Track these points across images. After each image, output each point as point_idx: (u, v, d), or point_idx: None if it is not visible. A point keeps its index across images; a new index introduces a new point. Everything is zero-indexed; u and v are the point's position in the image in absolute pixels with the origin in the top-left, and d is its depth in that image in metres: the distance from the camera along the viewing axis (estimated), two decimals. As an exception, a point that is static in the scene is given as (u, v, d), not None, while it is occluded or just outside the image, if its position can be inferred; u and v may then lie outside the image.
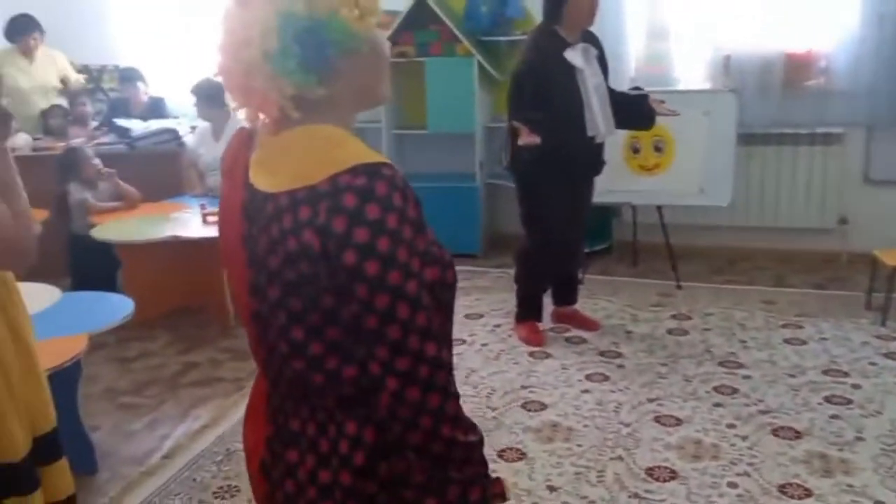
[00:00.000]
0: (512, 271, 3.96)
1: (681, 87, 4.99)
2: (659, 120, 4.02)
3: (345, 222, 1.03)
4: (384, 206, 1.04)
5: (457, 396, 1.12)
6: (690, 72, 5.06)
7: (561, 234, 3.64)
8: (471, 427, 1.14)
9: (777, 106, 4.82)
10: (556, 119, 3.39)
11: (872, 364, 3.43)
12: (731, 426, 2.94)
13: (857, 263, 4.72)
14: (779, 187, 4.94)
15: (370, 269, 1.03)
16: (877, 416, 2.96)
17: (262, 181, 1.14)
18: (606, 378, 3.39)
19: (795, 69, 4.83)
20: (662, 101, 3.79)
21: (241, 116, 1.21)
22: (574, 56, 3.47)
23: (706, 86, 4.95)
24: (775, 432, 2.88)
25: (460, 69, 5.06)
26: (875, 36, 4.62)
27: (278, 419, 1.21)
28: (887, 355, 3.52)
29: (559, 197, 3.57)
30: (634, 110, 3.75)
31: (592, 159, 3.67)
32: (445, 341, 1.12)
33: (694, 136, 4.40)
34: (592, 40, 3.61)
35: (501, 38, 5.24)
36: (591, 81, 3.50)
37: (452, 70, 5.10)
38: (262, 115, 1.16)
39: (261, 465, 1.25)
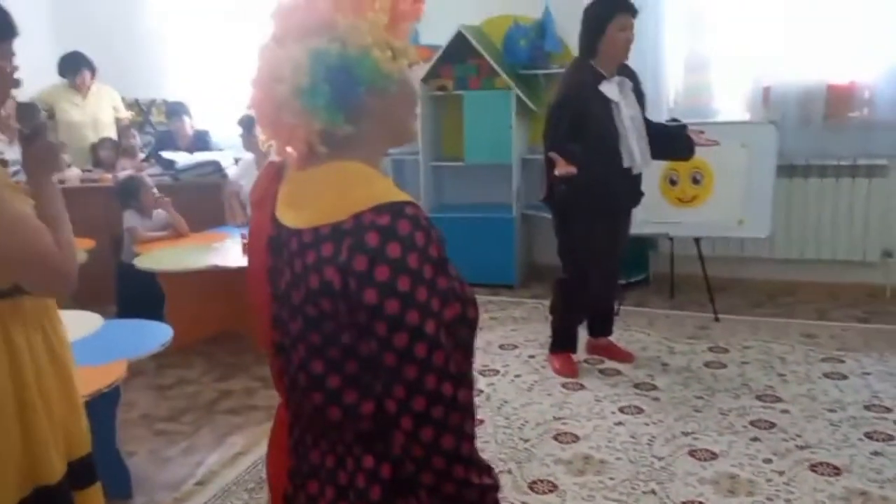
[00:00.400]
0: (547, 302, 3.96)
1: (720, 118, 4.97)
2: (697, 151, 4.01)
3: (366, 261, 1.05)
4: (406, 244, 1.05)
5: (472, 437, 1.12)
6: (730, 103, 5.03)
7: (597, 266, 3.64)
8: (486, 470, 1.14)
9: (818, 137, 4.77)
10: (592, 151, 3.41)
11: (917, 400, 3.34)
12: (767, 461, 2.88)
13: (904, 297, 4.63)
14: (820, 219, 4.86)
15: (390, 308, 1.04)
16: (921, 454, 2.88)
17: (288, 216, 1.17)
18: (641, 411, 3.35)
19: (837, 100, 4.77)
20: (702, 132, 3.77)
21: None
22: (609, 89, 3.49)
23: (745, 117, 4.92)
24: (813, 468, 2.81)
25: (498, 102, 5.11)
26: (919, 67, 4.56)
27: (299, 451, 1.23)
28: (933, 391, 3.42)
29: (596, 229, 3.56)
30: (673, 141, 3.74)
31: (630, 191, 3.67)
32: (463, 381, 1.12)
33: (733, 168, 4.37)
34: (629, 73, 3.63)
35: (539, 72, 5.29)
36: (626, 113, 3.51)
37: (490, 103, 5.15)
38: (290, 149, 1.19)
39: (284, 497, 1.26)
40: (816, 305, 4.70)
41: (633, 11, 3.49)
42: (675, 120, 4.48)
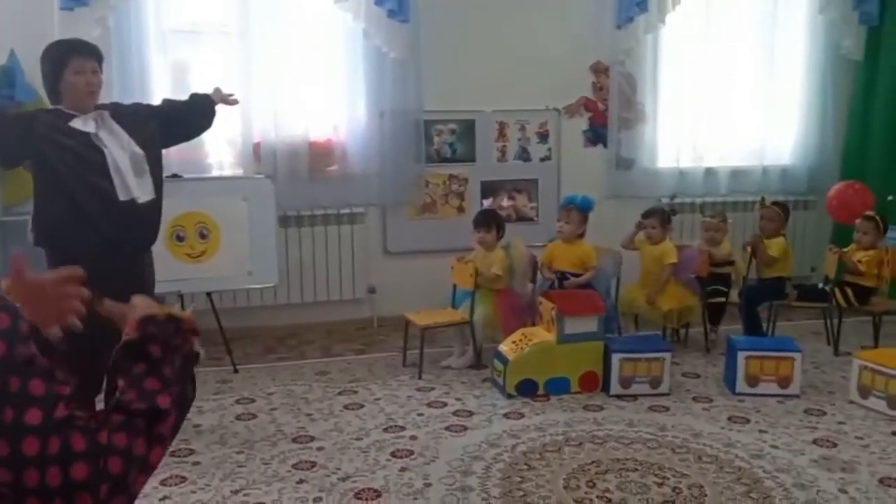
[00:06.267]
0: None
1: (216, 172, 5.08)
2: (202, 206, 4.07)
3: None
4: None
5: None
6: (224, 159, 5.18)
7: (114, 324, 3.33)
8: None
9: (306, 189, 5.22)
10: (68, 185, 3.21)
11: (420, 415, 3.88)
12: (317, 500, 3.02)
13: (386, 327, 5.33)
14: (316, 264, 5.32)
15: None
16: (435, 461, 3.35)
17: None
18: (184, 479, 3.21)
19: (318, 156, 5.29)
20: (231, 95, 3.87)
21: None
22: (85, 123, 3.27)
23: (239, 172, 5.12)
24: (358, 496, 3.05)
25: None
26: (378, 128, 5.33)
27: None
28: (429, 405, 4.01)
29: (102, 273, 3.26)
30: (194, 111, 3.73)
31: (131, 225, 3.35)
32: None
33: (237, 221, 4.50)
34: (119, 112, 3.45)
35: (9, 122, 4.70)
36: (112, 143, 3.31)
37: (-50, 157, 4.38)
38: None
39: None
40: (321, 343, 5.11)
41: (91, 54, 3.33)
42: (175, 175, 4.46)
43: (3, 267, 4.64)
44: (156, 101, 4.41)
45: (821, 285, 5.08)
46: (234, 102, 3.94)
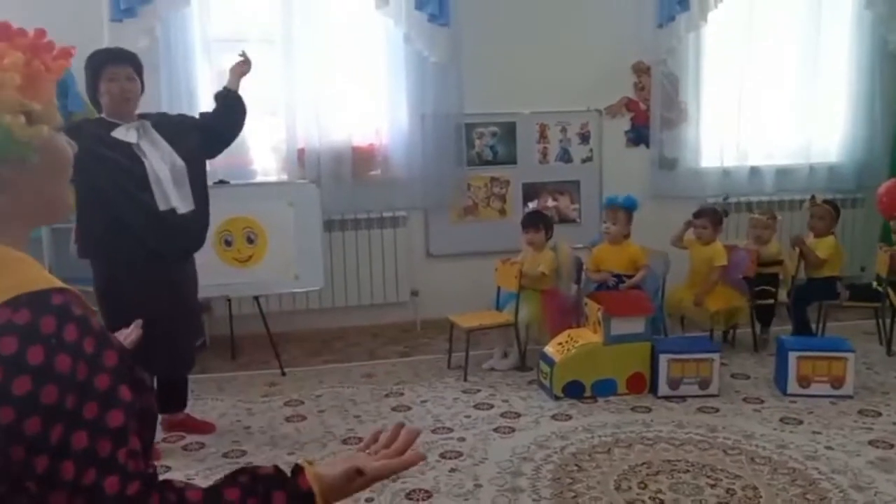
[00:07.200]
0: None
1: (260, 178, 5.16)
2: (249, 211, 4.13)
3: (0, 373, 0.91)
4: (50, 346, 0.93)
5: None
6: (268, 164, 5.25)
7: (159, 329, 3.34)
8: None
9: (349, 194, 5.26)
10: (111, 196, 3.24)
11: (467, 416, 3.88)
12: (369, 500, 3.05)
13: (429, 329, 5.34)
14: (359, 267, 5.36)
15: (31, 427, 0.92)
16: (485, 462, 3.35)
17: None
18: (237, 480, 3.26)
19: (361, 161, 5.33)
20: (232, 67, 3.73)
21: None
22: (126, 133, 3.31)
23: (284, 177, 5.18)
24: (409, 496, 3.07)
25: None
26: (420, 132, 5.35)
27: None
28: (476, 406, 4.02)
29: (131, 280, 3.30)
30: (228, 107, 3.67)
31: (174, 236, 3.39)
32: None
33: (283, 226, 4.55)
34: (163, 121, 3.48)
35: (62, 132, 4.82)
36: (152, 154, 3.34)
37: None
38: None
39: None
40: (366, 346, 5.14)
41: (125, 60, 3.36)
42: (222, 181, 4.53)
43: (57, 272, 4.75)
44: (204, 108, 4.49)
45: (874, 285, 4.98)
46: (248, 63, 3.72)
